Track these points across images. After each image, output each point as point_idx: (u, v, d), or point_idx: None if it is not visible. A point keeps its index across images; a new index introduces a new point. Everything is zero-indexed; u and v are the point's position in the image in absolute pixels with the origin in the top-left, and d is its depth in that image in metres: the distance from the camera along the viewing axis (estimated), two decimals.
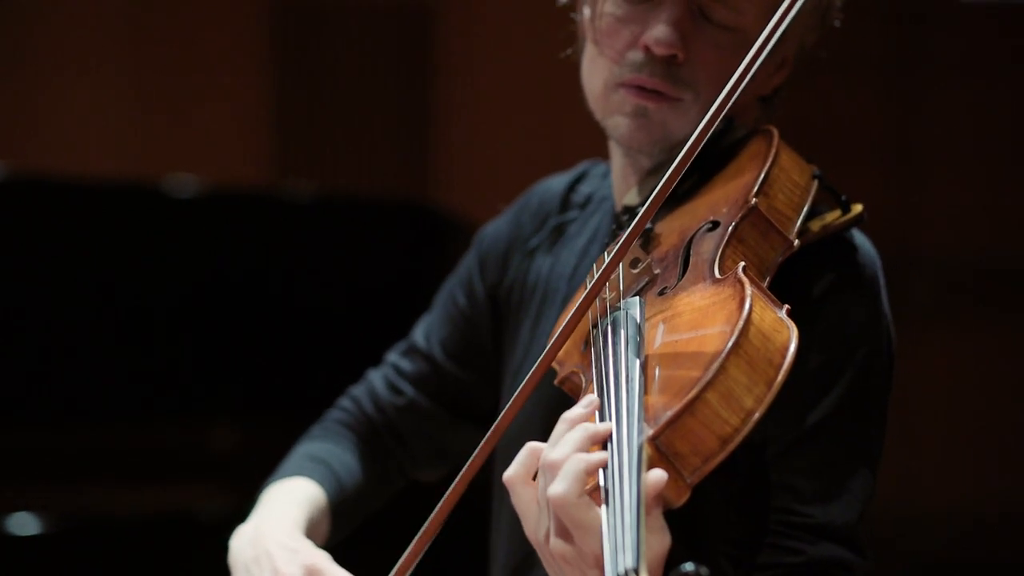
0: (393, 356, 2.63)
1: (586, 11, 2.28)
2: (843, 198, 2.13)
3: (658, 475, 1.74)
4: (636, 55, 2.18)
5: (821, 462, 2.05)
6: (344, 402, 2.64)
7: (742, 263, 1.93)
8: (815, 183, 2.10)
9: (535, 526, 1.85)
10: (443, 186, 6.67)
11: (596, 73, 2.23)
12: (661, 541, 1.76)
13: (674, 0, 2.16)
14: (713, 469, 1.77)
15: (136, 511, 4.42)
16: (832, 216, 2.12)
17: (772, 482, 2.05)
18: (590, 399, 1.87)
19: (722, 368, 1.76)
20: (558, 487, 1.77)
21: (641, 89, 2.18)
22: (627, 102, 2.19)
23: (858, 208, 2.12)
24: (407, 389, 2.58)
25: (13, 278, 4.54)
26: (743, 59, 1.96)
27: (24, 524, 4.15)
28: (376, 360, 2.69)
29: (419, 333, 2.62)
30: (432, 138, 6.77)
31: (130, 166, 6.47)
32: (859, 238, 2.15)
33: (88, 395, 4.61)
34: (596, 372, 1.90)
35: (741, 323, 1.79)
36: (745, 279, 1.87)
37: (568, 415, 1.86)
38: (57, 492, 4.50)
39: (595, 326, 2.00)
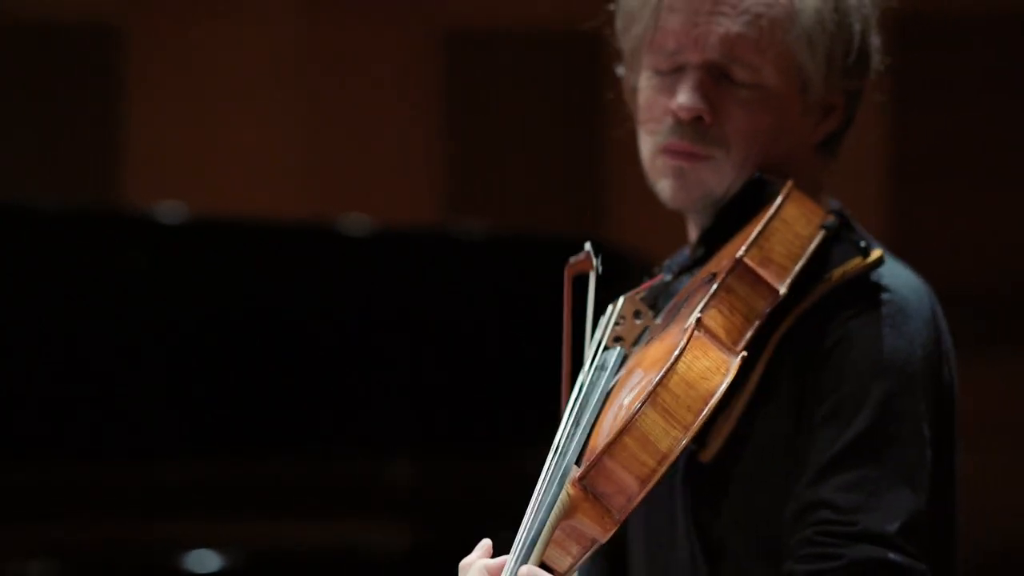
0: None
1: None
2: (862, 244, 2.26)
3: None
4: (669, 121, 2.38)
5: (856, 480, 2.15)
6: None
7: (698, 312, 2.05)
8: (821, 233, 2.23)
9: None
10: (617, 222, 6.65)
11: (644, 145, 2.43)
12: None
13: (695, 66, 2.34)
14: (637, 506, 1.91)
15: (313, 546, 4.45)
16: (853, 263, 2.26)
17: (808, 503, 2.16)
18: (483, 544, 1.99)
19: (641, 413, 1.90)
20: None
21: (675, 152, 2.37)
22: (667, 165, 2.37)
23: (877, 253, 2.25)
24: None
25: (198, 315, 4.61)
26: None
27: (204, 561, 4.19)
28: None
29: None
30: (605, 172, 6.76)
31: (304, 206, 6.54)
32: (887, 277, 2.28)
33: (266, 430, 4.66)
34: (568, 418, 2.06)
35: (661, 373, 1.93)
36: (693, 325, 2.00)
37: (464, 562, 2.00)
38: (234, 528, 4.54)
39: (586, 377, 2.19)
